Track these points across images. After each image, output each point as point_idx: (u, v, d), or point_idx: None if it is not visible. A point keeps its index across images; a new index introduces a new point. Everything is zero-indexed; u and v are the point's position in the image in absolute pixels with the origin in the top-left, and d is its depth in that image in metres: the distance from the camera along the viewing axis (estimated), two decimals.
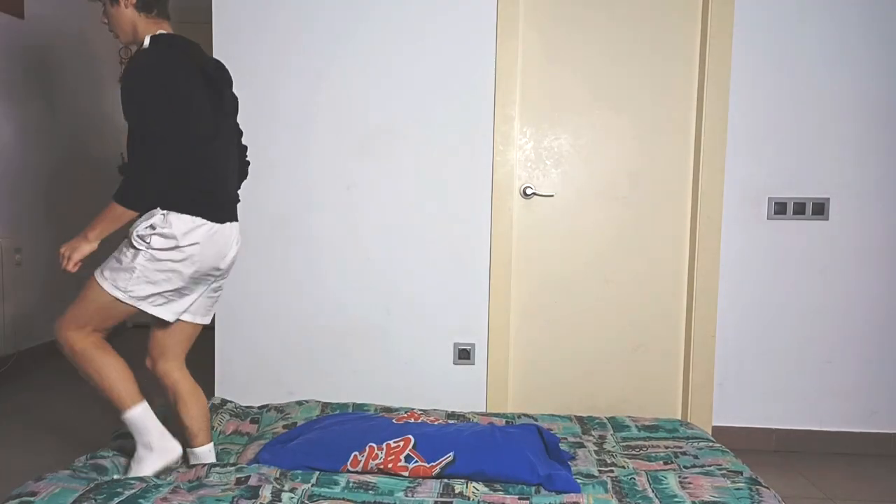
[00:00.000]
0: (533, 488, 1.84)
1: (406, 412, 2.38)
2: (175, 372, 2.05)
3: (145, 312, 1.92)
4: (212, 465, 1.93)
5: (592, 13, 2.89)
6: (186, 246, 1.87)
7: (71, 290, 4.63)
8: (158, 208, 1.86)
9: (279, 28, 2.88)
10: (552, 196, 2.94)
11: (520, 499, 1.75)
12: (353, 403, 2.57)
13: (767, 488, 1.83)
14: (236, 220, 2.05)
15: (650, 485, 1.84)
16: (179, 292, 1.93)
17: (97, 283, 1.89)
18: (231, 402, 2.63)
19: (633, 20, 2.88)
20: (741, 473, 1.95)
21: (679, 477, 1.89)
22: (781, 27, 2.80)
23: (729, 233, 2.87)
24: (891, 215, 2.84)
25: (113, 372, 1.90)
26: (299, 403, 2.59)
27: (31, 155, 4.00)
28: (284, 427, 2.34)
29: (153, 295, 1.89)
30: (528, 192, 2.93)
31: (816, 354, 2.89)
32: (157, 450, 1.92)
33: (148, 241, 1.85)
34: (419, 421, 2.17)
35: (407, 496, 1.75)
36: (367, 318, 2.95)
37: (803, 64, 2.81)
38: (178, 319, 2.00)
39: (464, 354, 2.94)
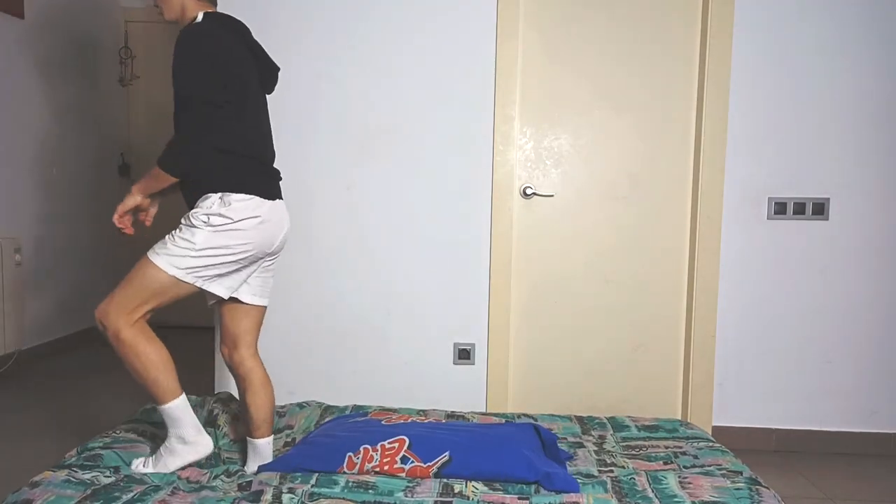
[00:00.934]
0: (532, 487, 1.84)
1: (399, 414, 2.37)
2: (249, 360, 2.06)
3: (202, 291, 1.92)
4: (215, 475, 1.93)
5: (592, 13, 2.89)
6: (243, 223, 1.88)
7: (71, 289, 4.64)
8: (215, 193, 1.89)
9: (279, 28, 2.88)
10: (552, 196, 2.94)
11: (519, 498, 1.75)
12: (354, 405, 2.57)
13: (767, 488, 1.83)
14: (281, 197, 2.05)
15: (650, 485, 1.84)
16: (234, 270, 1.93)
17: (150, 261, 1.86)
18: (236, 398, 2.63)
19: (633, 20, 2.88)
20: (741, 473, 1.95)
21: (679, 477, 1.89)
22: (781, 27, 2.80)
23: (729, 233, 2.87)
24: (891, 215, 2.84)
25: (158, 365, 1.87)
26: (301, 407, 2.58)
27: (31, 154, 4.00)
28: (287, 441, 2.34)
29: (208, 271, 1.88)
30: (528, 192, 2.93)
31: (816, 354, 2.89)
32: (190, 443, 1.93)
33: (206, 219, 1.86)
34: (409, 421, 2.17)
35: (407, 496, 1.75)
36: (367, 318, 2.95)
37: (803, 64, 2.81)
38: (236, 301, 2.01)
39: (464, 354, 2.95)
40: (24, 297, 3.88)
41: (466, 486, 1.81)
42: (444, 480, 1.85)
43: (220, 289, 1.93)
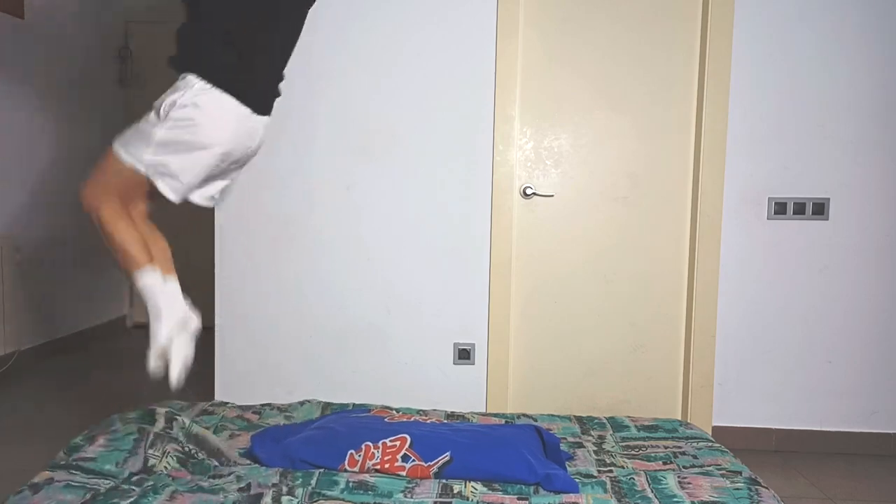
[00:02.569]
0: (531, 488, 1.84)
1: (399, 413, 2.37)
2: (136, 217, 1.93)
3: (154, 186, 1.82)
4: (210, 475, 1.91)
5: (592, 13, 2.89)
6: (210, 125, 1.77)
7: (70, 289, 4.63)
8: (195, 76, 1.75)
9: None
10: (552, 196, 2.94)
11: (519, 499, 1.75)
12: (354, 404, 2.57)
13: (767, 488, 1.83)
14: (269, 114, 1.95)
15: (649, 485, 1.84)
16: (188, 170, 1.82)
17: (112, 152, 1.82)
18: (230, 403, 2.62)
19: (633, 20, 2.88)
20: (740, 473, 1.95)
21: (678, 477, 1.89)
22: (781, 27, 2.80)
23: (729, 233, 2.87)
24: (891, 215, 2.84)
25: (126, 232, 1.83)
26: (301, 403, 2.58)
27: (30, 155, 4.00)
28: (284, 422, 2.34)
29: (162, 166, 1.78)
30: (528, 192, 2.93)
31: (816, 354, 2.89)
32: (165, 308, 1.85)
33: (170, 110, 1.75)
34: (412, 420, 2.17)
35: (406, 497, 1.75)
36: (367, 318, 2.95)
37: (803, 64, 2.81)
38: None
39: (464, 355, 2.95)
40: (24, 297, 3.88)
41: (466, 487, 1.81)
42: (444, 481, 1.85)
43: (171, 193, 1.82)
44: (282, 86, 2.06)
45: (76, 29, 4.41)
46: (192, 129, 1.77)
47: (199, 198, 1.96)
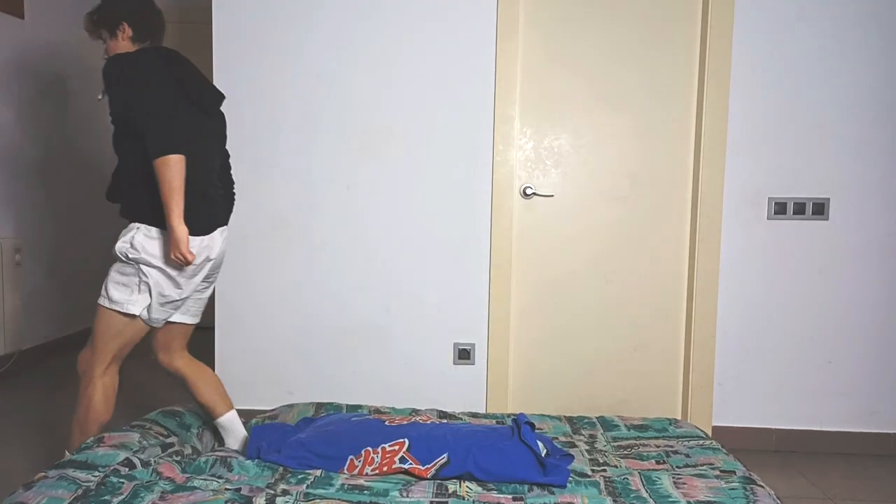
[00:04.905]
0: (526, 487, 1.84)
1: (398, 416, 2.37)
2: (177, 361, 2.18)
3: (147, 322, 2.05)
4: (198, 475, 1.90)
5: (592, 13, 2.89)
6: (155, 257, 1.99)
7: (71, 290, 4.64)
8: (137, 223, 1.98)
9: (279, 29, 2.88)
10: (552, 196, 2.94)
11: (514, 499, 1.75)
12: (347, 405, 2.56)
13: (762, 486, 1.83)
14: (225, 224, 2.12)
15: (644, 485, 1.84)
16: (169, 300, 2.04)
17: (101, 308, 2.03)
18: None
19: (633, 20, 2.88)
20: (734, 472, 1.95)
21: (672, 477, 1.89)
22: (781, 27, 2.80)
23: (729, 233, 2.87)
24: (891, 215, 2.84)
25: (96, 425, 2.04)
26: (289, 407, 2.56)
27: (30, 155, 4.00)
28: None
29: (147, 304, 2.02)
30: (528, 192, 2.93)
31: (816, 354, 2.89)
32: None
33: (134, 255, 1.98)
34: (412, 422, 2.16)
35: (402, 496, 1.75)
36: (367, 318, 2.95)
37: (803, 64, 2.81)
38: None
39: (464, 354, 2.94)
40: (24, 297, 3.88)
41: (461, 487, 1.81)
42: (439, 481, 1.85)
43: (156, 321, 2.06)
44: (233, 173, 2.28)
45: (76, 29, 4.40)
46: (150, 269, 1.99)
47: (180, 317, 2.18)
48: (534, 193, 2.94)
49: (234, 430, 2.17)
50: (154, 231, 1.97)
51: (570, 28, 2.90)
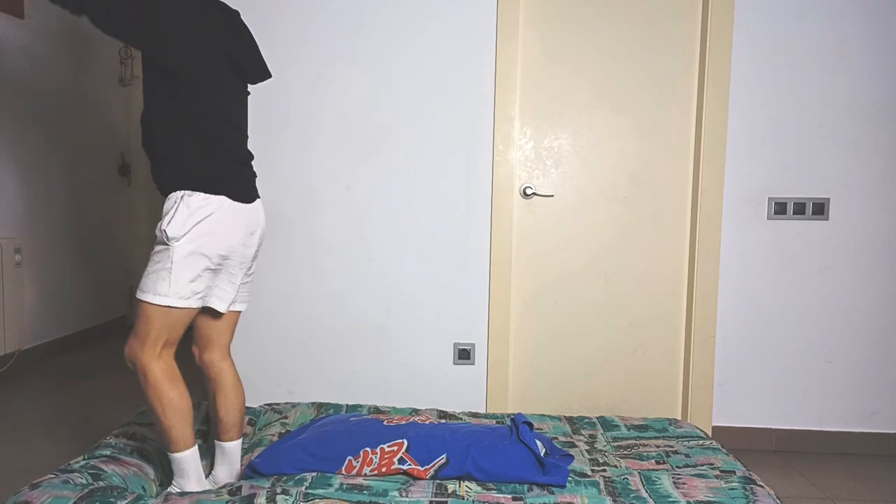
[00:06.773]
0: (526, 487, 1.84)
1: (397, 416, 2.37)
2: (220, 362, 2.02)
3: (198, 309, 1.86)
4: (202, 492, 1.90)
5: (592, 13, 2.89)
6: (204, 224, 1.78)
7: (71, 290, 4.64)
8: (177, 191, 1.78)
9: (280, 29, 2.88)
10: (552, 196, 2.94)
11: (513, 498, 1.75)
12: (347, 405, 2.56)
13: (762, 486, 1.83)
14: (257, 197, 1.97)
15: (643, 485, 1.84)
16: (218, 279, 1.87)
17: (141, 300, 1.79)
18: None
19: (633, 20, 2.88)
20: (734, 472, 1.95)
21: (672, 477, 1.89)
22: (781, 27, 2.80)
23: (729, 233, 2.87)
24: (891, 215, 2.84)
25: (176, 413, 1.81)
26: (293, 405, 2.57)
27: (30, 155, 4.00)
28: (281, 431, 2.34)
29: (195, 288, 1.81)
30: (528, 192, 2.93)
31: (816, 354, 2.89)
32: (186, 485, 1.88)
33: (171, 234, 1.76)
34: (410, 422, 2.16)
35: (401, 496, 1.75)
36: (367, 318, 2.95)
37: (803, 64, 2.81)
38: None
39: (464, 354, 2.95)
40: (24, 297, 3.88)
41: (460, 486, 1.81)
42: (439, 481, 1.85)
43: (219, 303, 1.88)
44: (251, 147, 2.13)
45: (76, 29, 4.40)
46: (195, 237, 1.78)
47: (221, 303, 1.96)
48: (534, 193, 2.94)
49: (233, 459, 2.04)
50: (197, 198, 1.78)
51: (570, 28, 2.90)
